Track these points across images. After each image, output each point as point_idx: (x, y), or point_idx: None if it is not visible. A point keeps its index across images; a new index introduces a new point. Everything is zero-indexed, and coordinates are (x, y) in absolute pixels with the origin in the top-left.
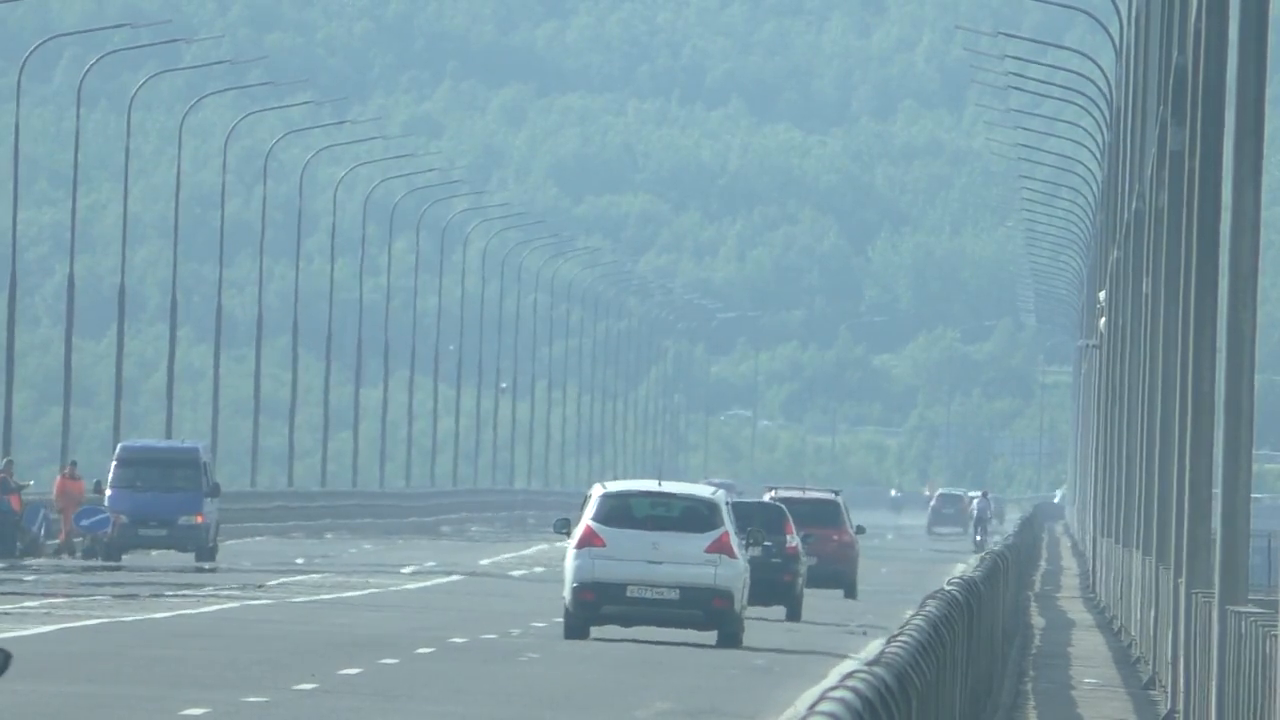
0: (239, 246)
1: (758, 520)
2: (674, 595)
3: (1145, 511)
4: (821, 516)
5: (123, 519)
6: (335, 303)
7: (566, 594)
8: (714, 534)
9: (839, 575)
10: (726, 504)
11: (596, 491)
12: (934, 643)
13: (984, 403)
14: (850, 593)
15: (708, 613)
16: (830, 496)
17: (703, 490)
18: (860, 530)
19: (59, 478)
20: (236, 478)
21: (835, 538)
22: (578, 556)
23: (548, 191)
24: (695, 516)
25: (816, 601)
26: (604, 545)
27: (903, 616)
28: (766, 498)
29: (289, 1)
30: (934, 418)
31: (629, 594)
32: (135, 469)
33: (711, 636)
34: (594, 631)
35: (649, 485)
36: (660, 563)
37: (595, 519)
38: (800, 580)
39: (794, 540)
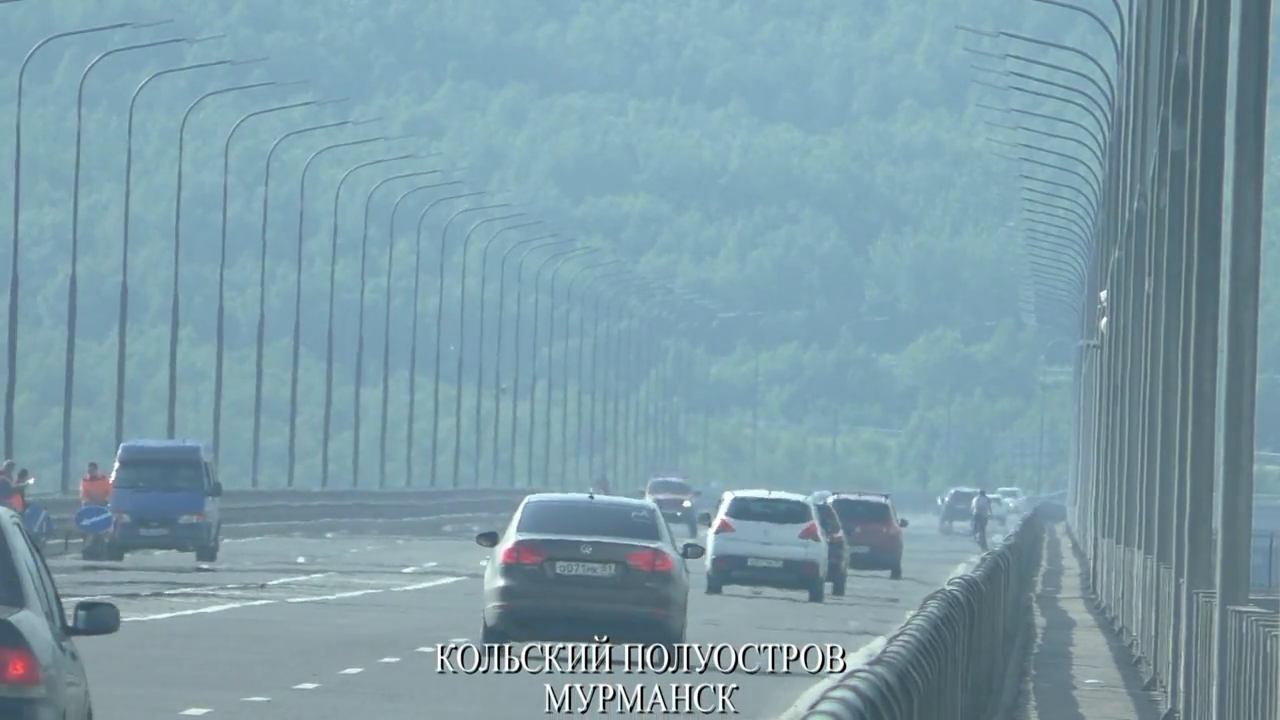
0: (240, 247)
1: None
2: (779, 565)
3: (1146, 511)
4: (874, 514)
5: (124, 518)
6: (336, 303)
7: (707, 563)
8: (805, 524)
9: (888, 560)
10: (814, 505)
11: (727, 496)
12: (935, 642)
13: (985, 403)
14: (896, 573)
15: (801, 577)
16: (881, 499)
17: (797, 495)
18: (904, 523)
19: (84, 480)
20: (238, 477)
21: (885, 531)
22: (716, 538)
23: (548, 192)
24: (792, 512)
25: (863, 581)
26: (733, 530)
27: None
28: (830, 500)
29: (290, 1)
30: (934, 418)
31: (749, 564)
32: (137, 469)
33: (803, 594)
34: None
35: (762, 492)
36: (770, 543)
37: (727, 513)
38: (843, 563)
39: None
